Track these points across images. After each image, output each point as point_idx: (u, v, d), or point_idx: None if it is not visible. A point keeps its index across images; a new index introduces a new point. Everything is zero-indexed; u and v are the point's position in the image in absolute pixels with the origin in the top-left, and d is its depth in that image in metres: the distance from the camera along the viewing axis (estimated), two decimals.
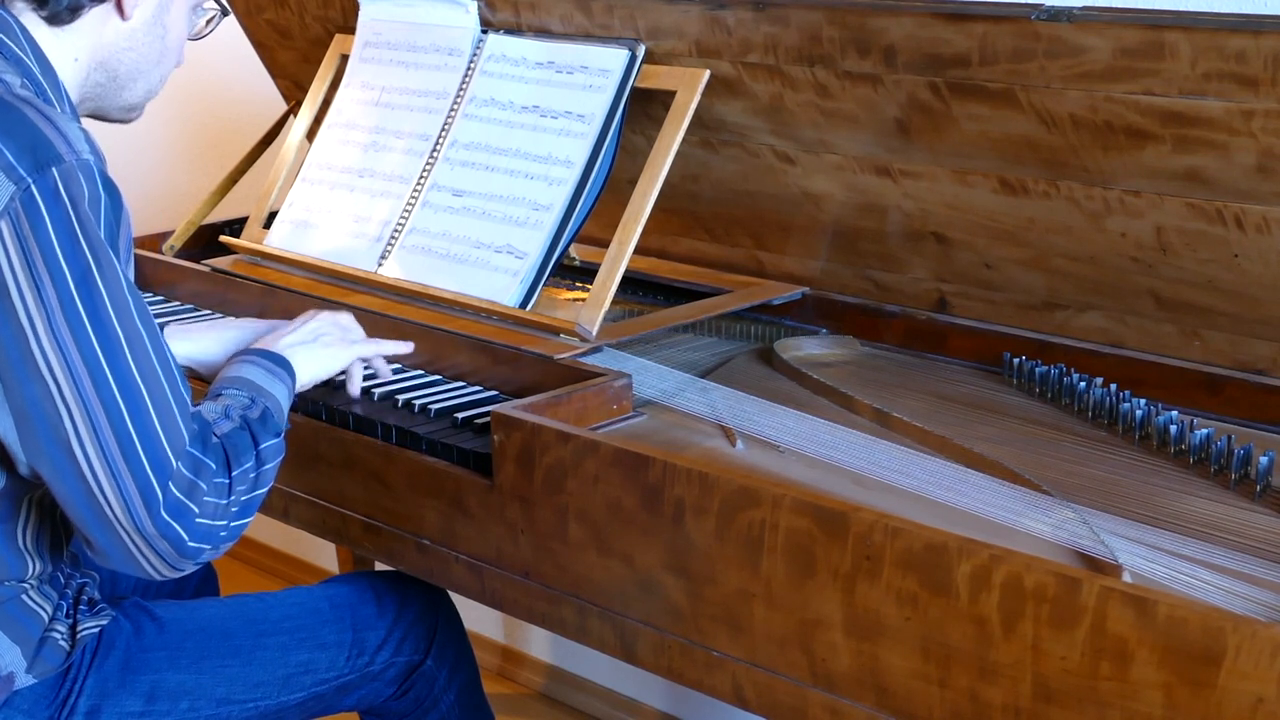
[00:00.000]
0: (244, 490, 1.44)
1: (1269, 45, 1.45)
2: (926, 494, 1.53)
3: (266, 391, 1.55)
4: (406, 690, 1.81)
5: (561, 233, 1.98)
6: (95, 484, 1.36)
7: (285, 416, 1.57)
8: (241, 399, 1.52)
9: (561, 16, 2.07)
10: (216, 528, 1.41)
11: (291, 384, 1.62)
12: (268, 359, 1.61)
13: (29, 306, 1.34)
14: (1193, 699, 1.16)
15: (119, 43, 1.55)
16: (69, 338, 1.35)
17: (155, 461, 1.37)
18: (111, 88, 1.58)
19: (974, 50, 1.66)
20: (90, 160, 1.39)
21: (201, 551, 1.41)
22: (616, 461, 1.51)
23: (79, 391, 1.35)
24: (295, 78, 2.64)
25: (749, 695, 1.46)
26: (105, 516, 1.37)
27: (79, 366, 1.35)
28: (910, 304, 2.01)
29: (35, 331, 1.35)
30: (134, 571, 1.41)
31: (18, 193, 1.34)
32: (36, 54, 1.50)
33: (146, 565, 1.40)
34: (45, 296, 1.34)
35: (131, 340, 1.38)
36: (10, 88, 1.43)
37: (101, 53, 1.55)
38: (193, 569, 1.43)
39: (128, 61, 1.57)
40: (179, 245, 2.46)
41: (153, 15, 1.56)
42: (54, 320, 1.34)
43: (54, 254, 1.35)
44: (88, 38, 1.53)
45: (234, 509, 1.43)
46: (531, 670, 3.05)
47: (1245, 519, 1.49)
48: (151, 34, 1.57)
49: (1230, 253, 1.64)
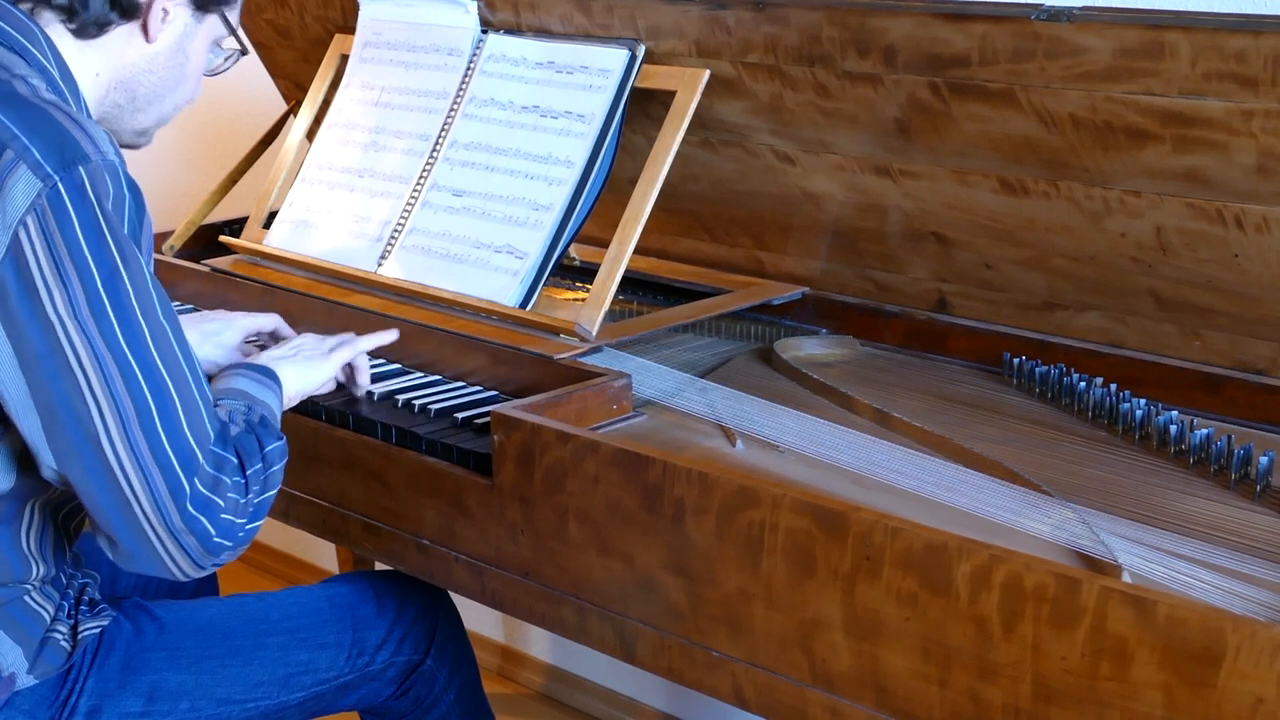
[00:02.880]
0: (257, 490, 1.45)
1: (1269, 45, 1.45)
2: (926, 494, 1.53)
3: (259, 400, 1.56)
4: (406, 690, 1.81)
5: (561, 233, 1.98)
6: (124, 480, 1.37)
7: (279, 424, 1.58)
8: (239, 405, 1.53)
9: (561, 16, 2.07)
10: (238, 525, 1.42)
11: (280, 394, 1.62)
12: (256, 370, 1.62)
13: (56, 303, 1.35)
14: (1193, 699, 1.16)
15: (140, 64, 1.57)
16: (97, 334, 1.36)
17: (182, 456, 1.38)
18: (129, 109, 1.59)
19: (974, 50, 1.66)
20: (115, 161, 1.40)
21: (224, 548, 1.41)
22: (616, 461, 1.51)
23: (108, 387, 1.36)
24: (295, 78, 2.64)
25: (749, 695, 1.46)
26: (133, 513, 1.37)
27: (108, 362, 1.36)
28: (910, 304, 2.01)
29: (65, 328, 1.35)
30: (158, 571, 1.41)
31: (45, 190, 1.35)
32: (60, 64, 1.52)
33: (171, 564, 1.40)
34: (73, 293, 1.35)
35: (157, 337, 1.39)
36: (37, 91, 1.44)
37: (123, 72, 1.56)
38: (213, 568, 1.44)
39: (147, 84, 1.58)
40: (179, 245, 2.46)
41: (176, 42, 1.58)
42: (81, 316, 1.35)
43: (81, 251, 1.36)
44: (111, 56, 1.55)
45: (250, 509, 1.44)
46: (531, 670, 3.05)
47: (1245, 519, 1.49)
48: (173, 60, 1.58)
49: (1230, 253, 1.64)
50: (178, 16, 1.56)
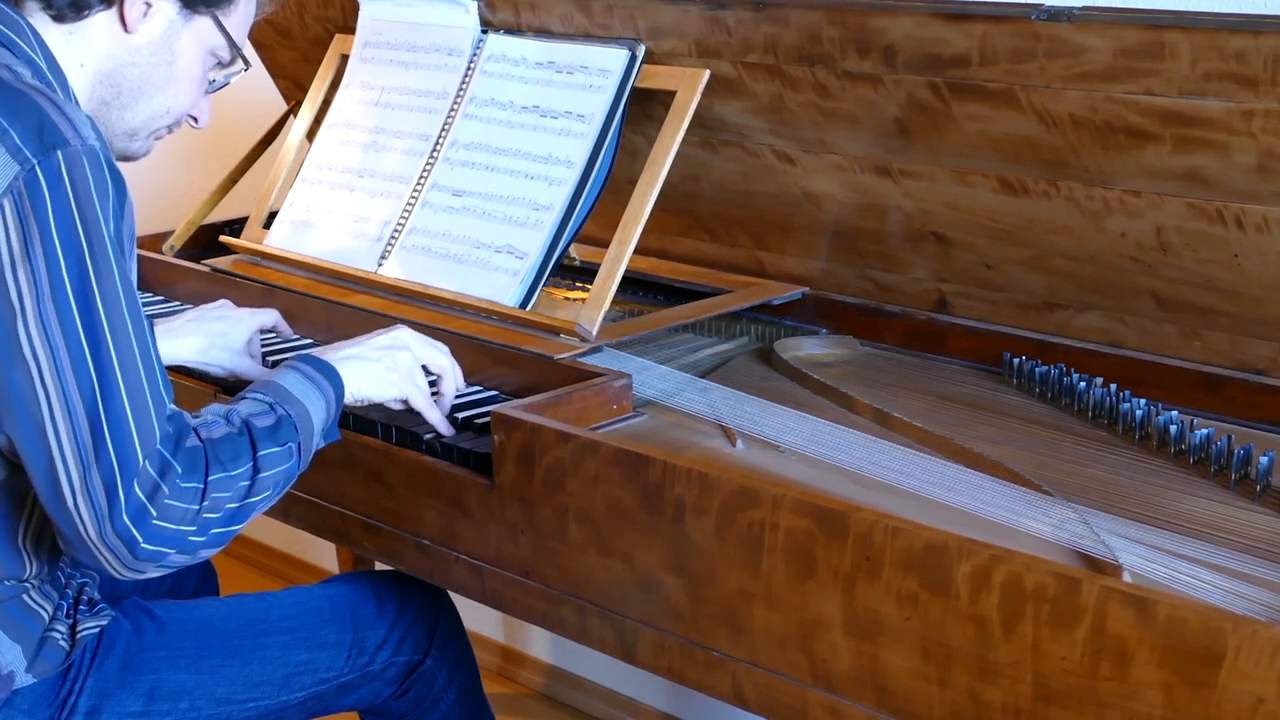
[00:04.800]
0: (229, 497, 1.41)
1: (1269, 45, 1.45)
2: (926, 494, 1.53)
3: (295, 399, 1.52)
4: (406, 690, 1.81)
5: (561, 233, 1.98)
6: (64, 472, 1.35)
7: (315, 427, 1.53)
8: (259, 405, 1.49)
9: (561, 16, 2.07)
10: (183, 532, 1.37)
11: (334, 394, 1.57)
12: (311, 365, 1.57)
13: (21, 286, 1.34)
14: (1193, 699, 1.16)
15: (123, 56, 1.55)
16: (55, 321, 1.34)
17: (123, 457, 1.35)
18: (115, 105, 1.56)
19: (974, 50, 1.66)
20: (96, 146, 1.39)
21: (163, 555, 1.37)
22: (616, 461, 1.51)
23: (59, 377, 1.34)
24: (295, 78, 2.64)
25: (749, 695, 1.46)
26: (67, 508, 1.35)
27: (61, 352, 1.34)
28: (910, 304, 2.01)
29: (24, 312, 1.34)
30: (94, 566, 1.39)
31: (21, 173, 1.35)
32: (47, 56, 1.51)
33: (105, 563, 1.38)
34: (37, 277, 1.34)
35: (116, 331, 1.37)
36: (20, 77, 1.44)
37: (105, 63, 1.54)
38: (158, 572, 1.40)
39: (131, 77, 1.55)
40: (179, 245, 2.46)
41: (160, 37, 1.55)
42: (42, 302, 1.34)
43: (50, 236, 1.35)
44: (93, 45, 1.53)
45: (211, 515, 1.39)
46: (531, 670, 3.05)
47: (1245, 519, 1.48)
48: (157, 55, 1.56)
49: (1230, 253, 1.64)
50: (162, 10, 1.54)
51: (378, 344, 1.68)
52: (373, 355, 1.66)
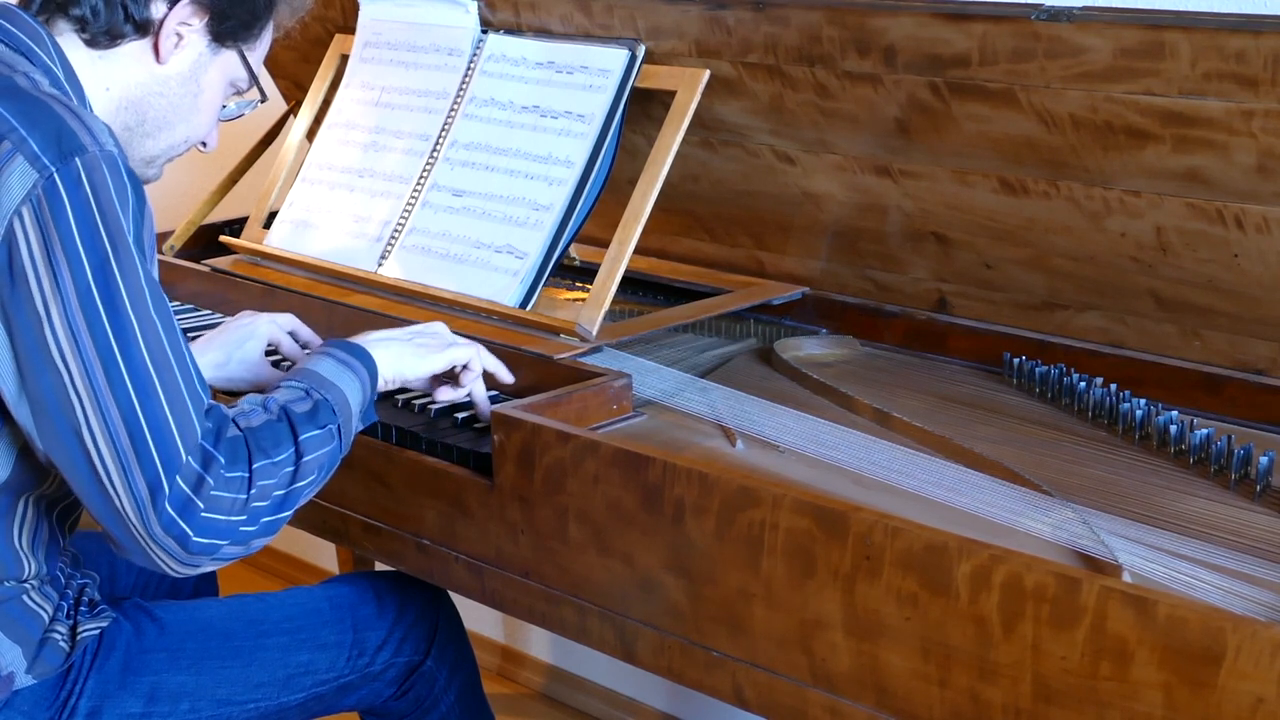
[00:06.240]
0: (275, 484, 1.41)
1: (1269, 45, 1.45)
2: (926, 494, 1.53)
3: (330, 384, 1.52)
4: (406, 690, 1.81)
5: (561, 233, 1.98)
6: (106, 477, 1.35)
7: (353, 410, 1.53)
8: (295, 392, 1.50)
9: (561, 16, 2.07)
10: (233, 523, 1.38)
11: (368, 377, 1.57)
12: (344, 350, 1.58)
13: (45, 294, 1.35)
14: (1193, 699, 1.16)
15: (151, 85, 1.55)
16: (83, 326, 1.34)
17: (165, 455, 1.35)
18: (138, 132, 1.57)
19: (974, 50, 1.66)
20: (114, 152, 1.40)
21: (216, 547, 1.38)
22: (616, 461, 1.51)
23: (91, 382, 1.35)
24: (295, 78, 2.64)
25: (749, 695, 1.46)
26: (116, 511, 1.36)
27: (92, 356, 1.35)
28: (910, 304, 2.01)
29: (50, 320, 1.35)
30: (151, 566, 1.39)
31: (41, 180, 1.35)
32: (65, 67, 1.51)
33: (160, 562, 1.38)
34: (62, 284, 1.34)
35: (146, 331, 1.37)
36: (38, 84, 1.44)
37: (133, 91, 1.55)
38: (213, 565, 1.40)
39: (158, 107, 1.56)
40: (179, 245, 2.46)
41: (189, 69, 1.56)
42: (69, 309, 1.34)
43: (73, 242, 1.35)
44: (122, 72, 1.54)
45: (260, 503, 1.40)
46: (531, 670, 3.05)
47: (1245, 519, 1.48)
48: (185, 88, 1.57)
49: (1230, 253, 1.64)
50: (192, 43, 1.55)
51: (409, 329, 1.71)
52: (403, 336, 1.69)
